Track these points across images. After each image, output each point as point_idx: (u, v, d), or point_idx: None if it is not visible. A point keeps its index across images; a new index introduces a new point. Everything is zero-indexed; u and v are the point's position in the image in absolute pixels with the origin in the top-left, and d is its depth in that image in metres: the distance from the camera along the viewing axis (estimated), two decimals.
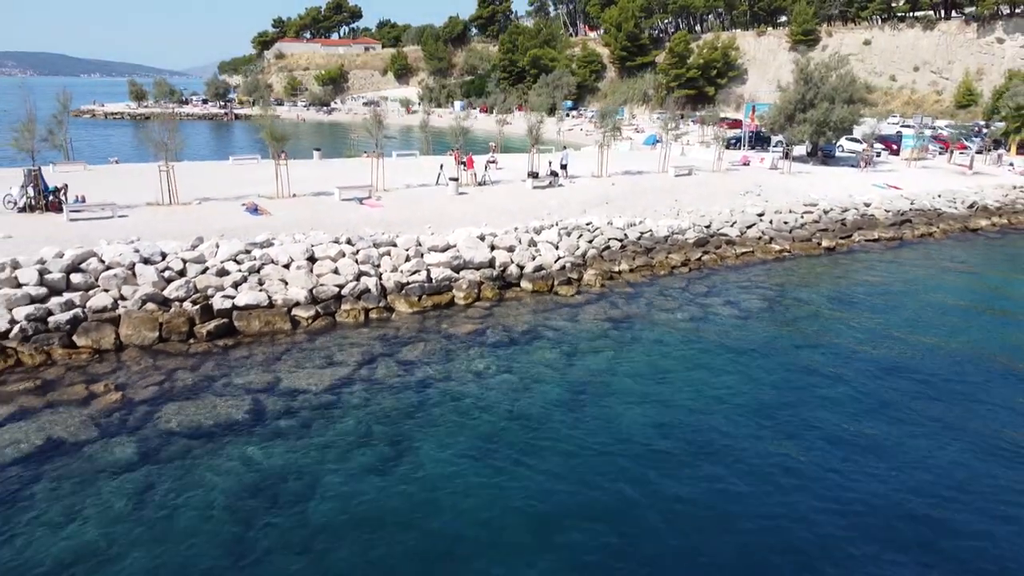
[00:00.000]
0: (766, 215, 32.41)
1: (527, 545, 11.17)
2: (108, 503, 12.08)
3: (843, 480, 13.23)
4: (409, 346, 19.06)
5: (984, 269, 29.57)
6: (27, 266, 19.17)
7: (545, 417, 15.35)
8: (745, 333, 20.92)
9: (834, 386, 17.42)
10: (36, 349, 17.42)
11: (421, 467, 13.33)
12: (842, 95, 43.69)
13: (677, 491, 12.70)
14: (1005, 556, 11.28)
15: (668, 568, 10.73)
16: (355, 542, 11.12)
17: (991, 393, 17.31)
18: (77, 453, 13.57)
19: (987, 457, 14.24)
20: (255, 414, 15.26)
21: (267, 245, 22.74)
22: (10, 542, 11.00)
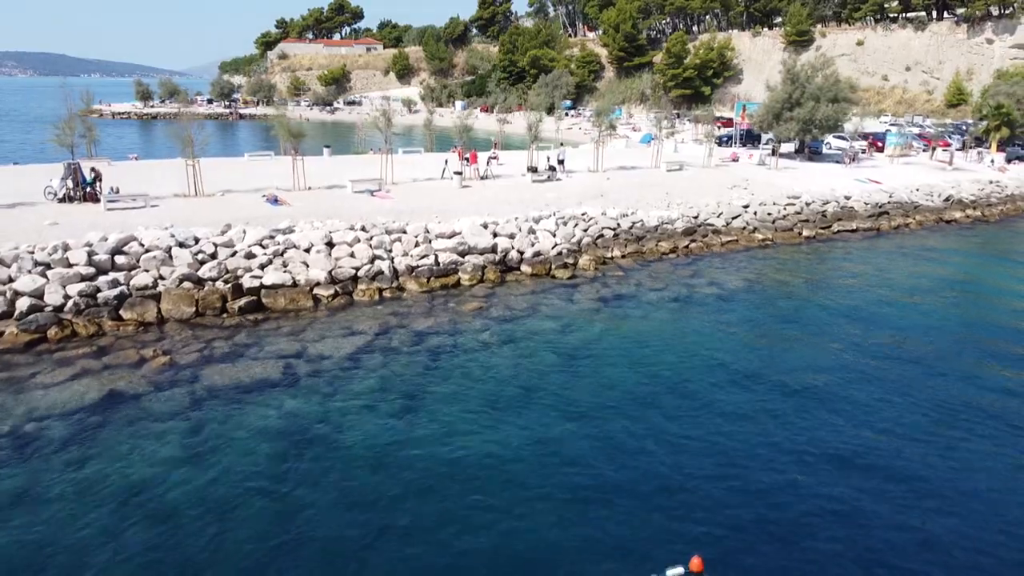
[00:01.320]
0: (751, 207, 34.54)
1: (524, 476, 13.23)
2: (164, 441, 14.15)
3: (794, 423, 15.33)
4: (420, 320, 21.19)
5: (951, 255, 31.72)
6: (76, 248, 21.28)
7: (542, 377, 17.47)
8: (725, 309, 23.05)
9: (803, 353, 19.54)
10: (89, 321, 19.56)
11: (433, 416, 15.41)
12: (827, 94, 45.84)
13: (660, 432, 14.79)
14: (932, 476, 13.35)
15: (645, 490, 12.80)
16: (376, 476, 13.11)
17: (942, 359, 19.40)
18: (135, 403, 15.68)
19: (934, 409, 16.32)
20: (286, 374, 17.37)
21: (289, 231, 24.88)
22: (85, 469, 13.07)
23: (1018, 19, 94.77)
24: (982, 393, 17.29)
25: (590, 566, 10.69)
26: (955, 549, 11.37)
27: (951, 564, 11.03)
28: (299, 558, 10.76)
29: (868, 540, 11.52)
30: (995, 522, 12.13)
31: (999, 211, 41.57)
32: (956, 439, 14.95)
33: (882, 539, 11.57)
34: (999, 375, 18.51)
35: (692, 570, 10.55)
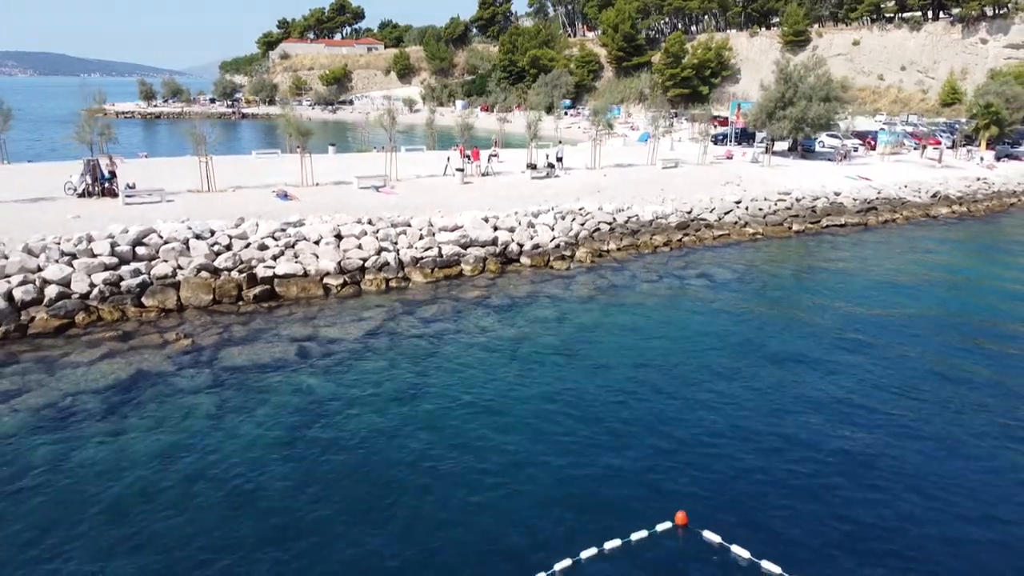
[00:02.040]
0: (743, 202, 35.75)
1: (521, 444, 14.40)
2: (190, 412, 15.35)
3: (776, 396, 16.53)
4: (425, 307, 22.41)
5: (934, 248, 32.94)
6: (99, 240, 22.52)
7: (540, 358, 18.68)
8: (715, 297, 24.27)
9: (786, 334, 20.75)
10: (113, 307, 20.80)
11: (436, 393, 16.59)
12: (819, 93, 47.05)
13: (648, 403, 16.00)
14: (901, 438, 14.55)
15: (634, 454, 14.00)
16: (385, 445, 14.22)
17: (918, 338, 20.58)
18: (161, 379, 16.90)
19: (907, 381, 17.51)
20: (300, 355, 18.58)
21: (299, 224, 26.11)
22: (119, 436, 14.26)
23: (1012, 19, 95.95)
24: (951, 368, 18.48)
25: (584, 522, 11.85)
26: (918, 501, 12.56)
27: (915, 516, 12.22)
28: (317, 514, 11.93)
29: (838, 497, 12.71)
30: (957, 482, 13.32)
31: (985, 207, 42.80)
32: (925, 409, 16.14)
33: (850, 495, 12.75)
34: (967, 351, 19.69)
35: (677, 523, 11.79)
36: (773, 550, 11.07)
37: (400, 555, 10.88)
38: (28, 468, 13.04)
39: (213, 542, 11.07)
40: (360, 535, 11.34)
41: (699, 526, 11.71)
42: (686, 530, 11.67)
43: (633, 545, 11.28)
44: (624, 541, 11.29)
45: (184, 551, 10.83)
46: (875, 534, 11.69)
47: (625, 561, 10.92)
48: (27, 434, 14.29)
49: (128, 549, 10.87)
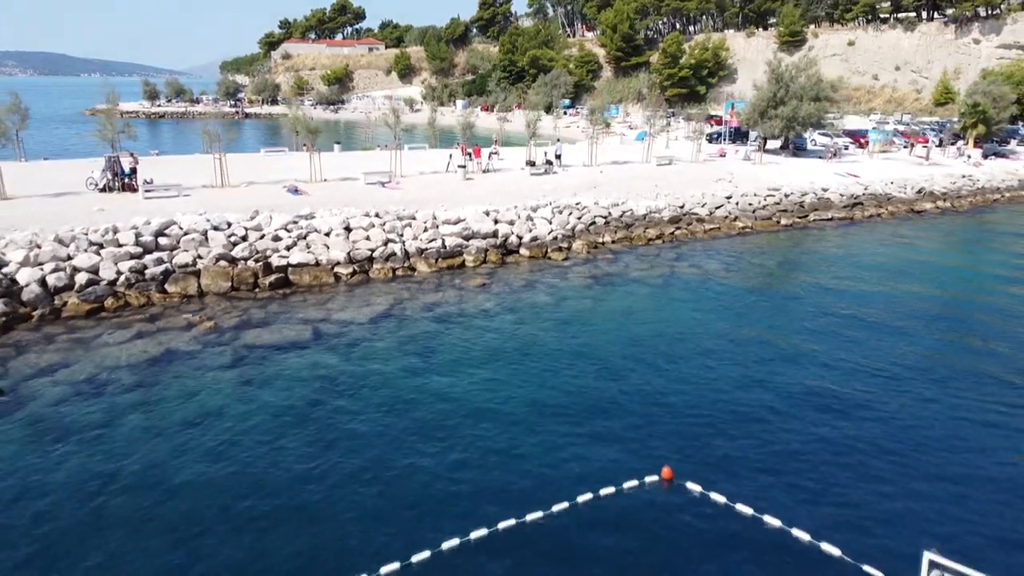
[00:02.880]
0: (733, 198, 37.21)
1: (519, 411, 15.84)
2: (216, 385, 16.77)
3: (757, 367, 17.99)
4: (430, 294, 23.88)
5: (916, 241, 34.39)
6: (124, 231, 23.98)
7: (537, 339, 20.13)
8: (704, 284, 25.74)
9: (769, 319, 22.20)
10: (139, 293, 22.27)
11: (442, 369, 18.02)
12: (809, 93, 48.50)
13: (638, 376, 17.44)
14: (873, 405, 15.99)
15: (624, 417, 15.45)
16: (395, 415, 15.60)
17: (894, 320, 22.03)
18: (188, 356, 18.35)
19: (880, 357, 18.95)
20: (315, 335, 20.03)
21: (310, 217, 27.56)
22: (151, 407, 15.68)
23: (1004, 20, 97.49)
24: (918, 344, 19.94)
25: (581, 473, 13.27)
26: (879, 457, 14.02)
27: (876, 470, 13.67)
28: (333, 475, 13.25)
29: (806, 453, 14.16)
30: (916, 441, 14.76)
31: (968, 202, 44.28)
32: (893, 380, 17.59)
33: (816, 452, 14.21)
34: (935, 329, 21.16)
35: (664, 477, 13.25)
36: (746, 496, 12.51)
37: (415, 505, 12.32)
38: (71, 431, 14.45)
39: (239, 497, 12.46)
40: (374, 490, 12.76)
41: (682, 479, 13.15)
42: (671, 482, 13.12)
43: (625, 493, 12.72)
44: (617, 489, 12.73)
45: (211, 504, 12.22)
46: (837, 481, 13.14)
47: (618, 506, 12.37)
48: (68, 402, 15.73)
49: (162, 501, 12.29)
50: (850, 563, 10.98)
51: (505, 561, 10.84)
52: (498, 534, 11.44)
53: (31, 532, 11.24)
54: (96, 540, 11.07)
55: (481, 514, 11.91)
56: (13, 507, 11.86)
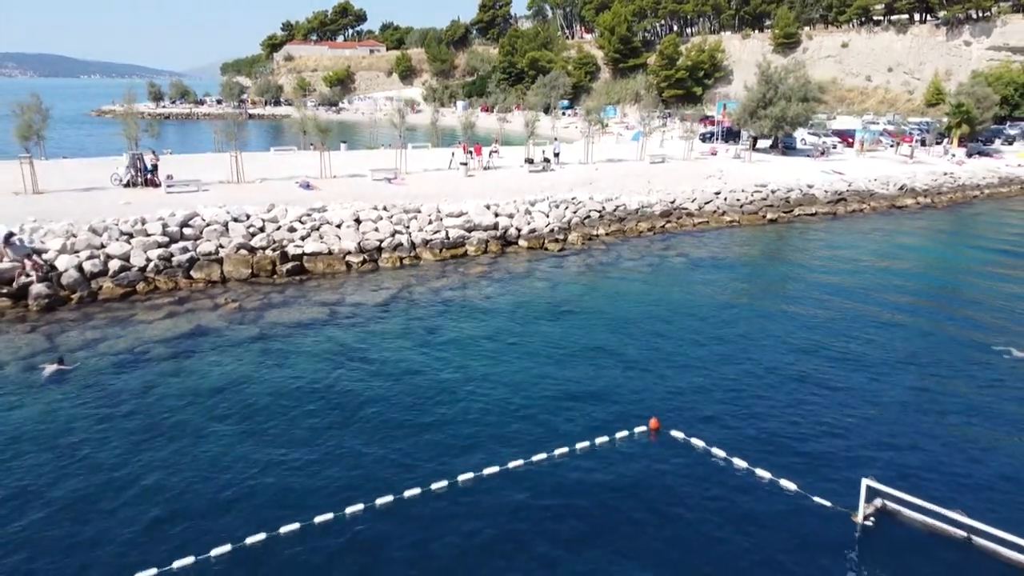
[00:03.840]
0: (722, 193, 39.13)
1: (521, 378, 17.71)
2: (241, 358, 18.57)
3: (737, 342, 19.87)
4: (435, 280, 25.78)
5: (893, 234, 36.35)
6: (152, 222, 25.89)
7: (535, 317, 22.02)
8: (690, 271, 27.65)
9: (752, 300, 24.10)
10: (167, 278, 24.18)
11: (447, 344, 19.85)
12: (798, 94, 50.45)
13: (628, 347, 19.33)
14: (839, 375, 17.87)
15: (613, 379, 17.31)
16: (402, 383, 17.37)
17: (862, 300, 23.93)
18: (216, 333, 20.21)
19: (847, 332, 20.83)
20: (330, 315, 21.92)
21: (323, 210, 29.46)
22: (185, 376, 17.47)
23: (994, 23, 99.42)
24: (885, 322, 21.84)
25: (578, 425, 15.11)
26: (844, 412, 15.91)
27: (839, 424, 15.56)
28: (348, 434, 15.03)
29: (775, 405, 16.04)
30: (878, 397, 16.65)
31: (948, 199, 46.22)
32: (860, 346, 19.49)
33: (784, 405, 16.09)
34: (901, 311, 23.05)
35: (651, 427, 15.12)
36: (720, 442, 14.36)
37: (425, 450, 14.20)
38: (115, 397, 16.21)
39: (266, 451, 14.27)
40: (387, 440, 14.61)
41: (667, 429, 15.03)
42: (658, 432, 15.01)
43: (617, 440, 14.60)
44: (610, 438, 14.61)
45: (243, 459, 13.98)
46: (795, 431, 15.02)
47: (611, 452, 14.23)
48: (112, 372, 17.58)
49: (198, 457, 14.01)
50: (803, 495, 12.83)
51: (514, 493, 12.69)
52: (508, 471, 13.30)
53: (90, 471, 13.12)
54: (140, 477, 12.92)
55: (491, 454, 13.78)
56: (76, 452, 13.73)
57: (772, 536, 11.72)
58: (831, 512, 12.37)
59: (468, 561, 10.88)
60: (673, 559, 11.06)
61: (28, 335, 19.79)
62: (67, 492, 12.36)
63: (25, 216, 25.85)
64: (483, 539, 11.41)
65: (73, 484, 12.61)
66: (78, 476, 12.87)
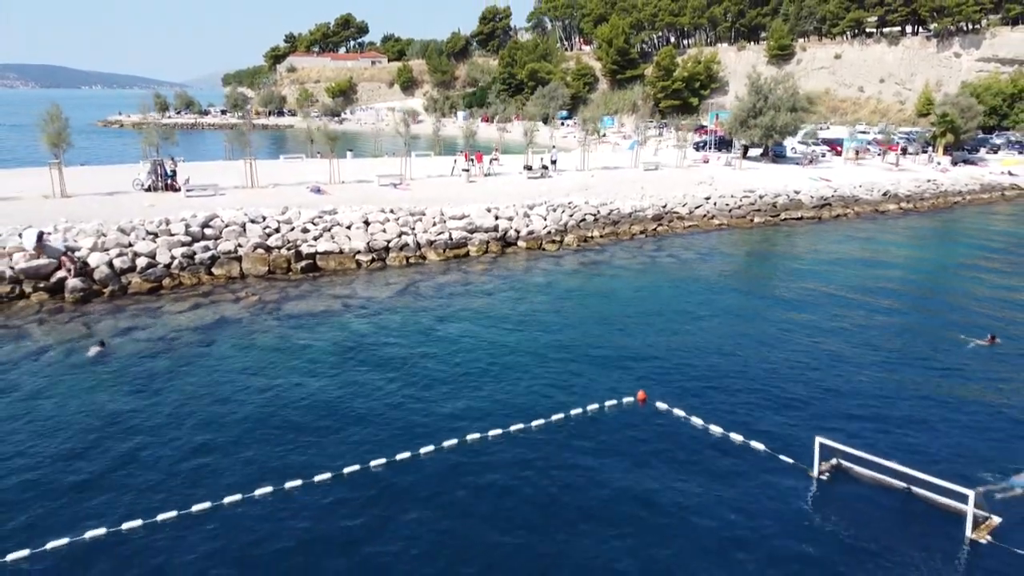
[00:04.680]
0: (712, 198, 41.01)
1: (521, 358, 19.46)
2: (262, 343, 20.32)
3: (718, 326, 21.66)
4: (439, 277, 27.60)
5: (874, 236, 38.23)
6: (175, 222, 27.73)
7: (533, 308, 23.80)
8: (679, 269, 29.46)
9: (736, 293, 25.92)
10: (191, 274, 25.99)
11: (450, 330, 21.63)
12: (786, 104, 52.45)
13: (618, 331, 21.12)
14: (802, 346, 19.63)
15: (606, 356, 19.07)
16: (411, 363, 19.11)
17: (838, 291, 25.73)
18: (238, 322, 21.98)
19: (822, 320, 22.63)
20: (343, 306, 23.71)
21: (333, 213, 31.32)
22: (211, 358, 19.21)
23: (983, 35, 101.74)
24: (855, 310, 23.64)
25: (573, 395, 16.86)
26: (807, 381, 17.69)
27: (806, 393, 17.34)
28: (363, 403, 16.77)
29: (746, 378, 17.81)
30: (841, 366, 18.43)
31: (929, 204, 48.13)
32: (827, 335, 21.29)
33: (753, 380, 17.86)
34: (873, 301, 24.85)
35: (639, 399, 16.88)
36: (699, 411, 16.11)
37: (436, 416, 15.96)
38: (150, 373, 17.98)
39: (289, 421, 16.02)
40: (400, 408, 16.37)
41: (653, 400, 16.79)
42: (644, 402, 16.78)
43: (607, 409, 16.36)
44: (600, 406, 16.39)
45: (265, 421, 15.77)
46: (762, 399, 16.79)
47: (601, 418, 15.98)
48: (146, 354, 19.33)
49: (226, 420, 15.79)
50: (770, 454, 14.58)
51: (516, 450, 14.44)
52: (509, 434, 15.07)
53: (130, 432, 14.89)
54: (174, 437, 14.69)
55: (496, 420, 15.56)
56: (119, 416, 15.50)
57: (742, 490, 13.41)
58: (793, 468, 14.13)
59: (480, 506, 12.59)
60: (657, 509, 12.74)
61: (67, 324, 21.60)
62: (113, 447, 14.16)
63: (57, 217, 27.74)
64: (492, 488, 13.15)
65: (117, 442, 14.40)
66: (121, 436, 14.65)
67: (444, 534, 11.78)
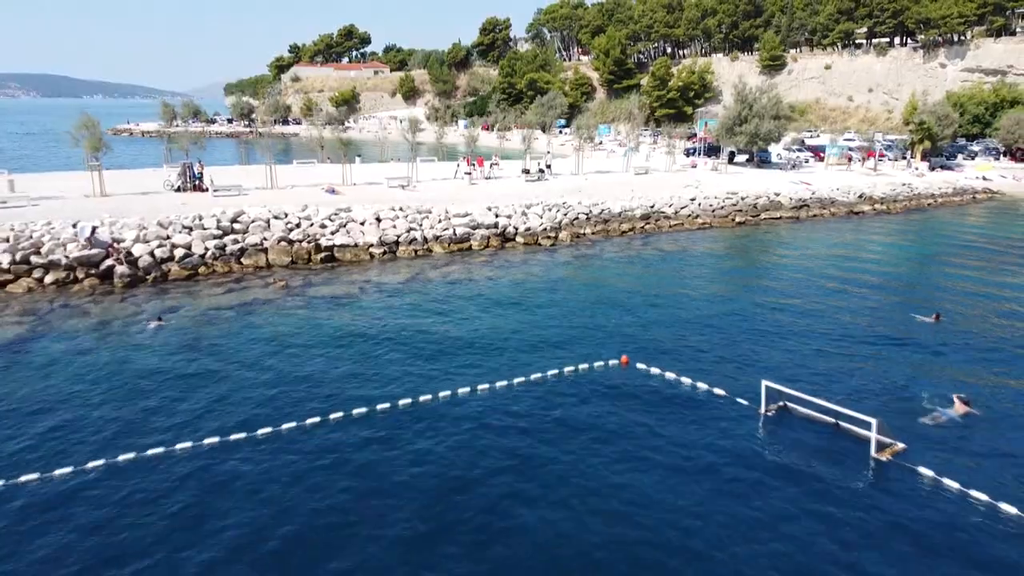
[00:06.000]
0: (696, 200, 44.10)
1: (519, 330, 22.45)
2: (289, 318, 23.22)
3: (699, 305, 24.65)
4: (444, 267, 30.63)
5: (847, 234, 41.26)
6: (207, 218, 30.81)
7: (529, 292, 26.82)
8: (663, 261, 32.49)
9: (714, 279, 28.94)
10: (223, 263, 29.05)
11: (457, 310, 24.60)
12: (770, 112, 55.65)
13: (606, 309, 24.12)
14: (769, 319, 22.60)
15: (592, 327, 22.04)
16: (422, 335, 22.10)
17: (800, 281, 28.74)
18: (269, 303, 24.99)
19: (785, 296, 25.62)
20: (360, 290, 26.73)
21: (348, 210, 34.40)
22: (245, 329, 22.14)
23: (968, 46, 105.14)
24: (819, 295, 26.66)
25: (563, 357, 19.82)
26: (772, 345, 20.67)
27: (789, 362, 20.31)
28: (375, 363, 19.73)
29: (713, 345, 20.79)
30: (813, 338, 21.41)
31: (902, 206, 51.22)
32: (790, 311, 24.30)
33: (720, 344, 20.83)
34: (836, 287, 27.87)
35: (622, 362, 19.85)
36: (672, 368, 19.07)
37: (442, 372, 18.96)
38: (200, 341, 20.96)
39: (311, 374, 19.08)
40: (407, 365, 19.37)
41: (634, 362, 19.75)
42: (627, 365, 19.75)
43: (595, 369, 19.32)
44: (589, 367, 19.37)
45: (292, 374, 18.77)
46: (723, 357, 19.78)
47: (589, 377, 18.91)
48: (193, 327, 22.31)
49: (261, 384, 18.81)
50: (730, 399, 17.54)
51: (517, 398, 17.40)
52: (511, 385, 18.03)
53: (188, 383, 17.90)
54: (221, 385, 17.71)
55: (500, 375, 18.56)
56: (179, 374, 18.51)
57: (706, 426, 16.25)
58: (747, 408, 17.11)
59: (480, 441, 15.49)
60: (639, 442, 15.57)
61: (121, 303, 24.64)
62: (174, 395, 17.19)
63: (101, 214, 30.80)
64: (499, 425, 16.10)
65: (177, 392, 17.43)
66: (179, 388, 17.68)
67: (455, 452, 14.80)
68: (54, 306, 24.01)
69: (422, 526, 12.21)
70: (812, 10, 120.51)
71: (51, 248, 26.88)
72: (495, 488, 13.46)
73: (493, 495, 13.20)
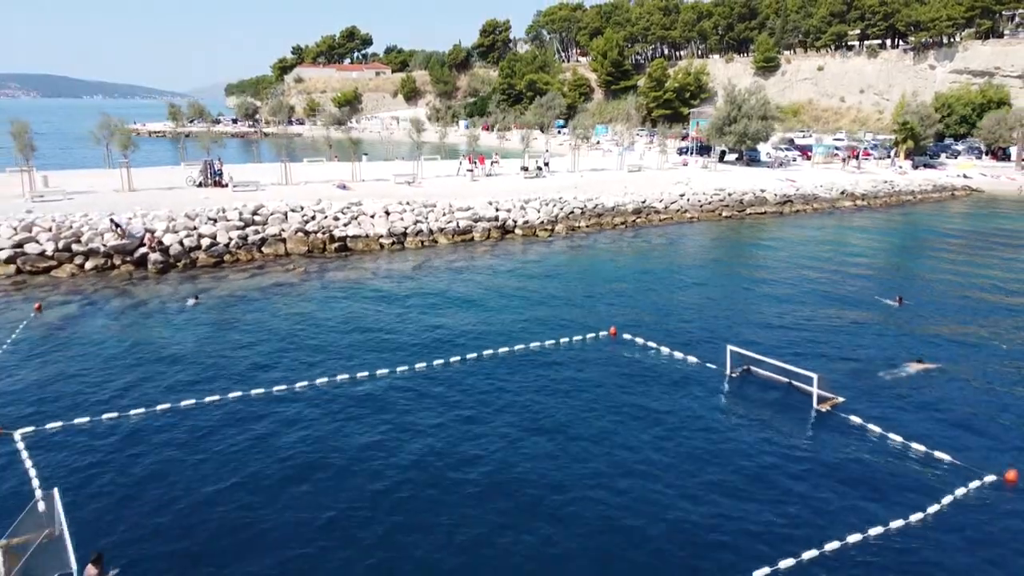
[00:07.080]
0: (686, 195, 46.70)
1: (517, 307, 25.07)
2: (308, 301, 25.80)
3: (688, 288, 27.24)
4: (449, 256, 33.23)
5: (827, 227, 43.88)
6: (230, 210, 33.42)
7: (527, 278, 29.40)
8: (652, 250, 35.10)
9: (698, 266, 31.54)
10: (246, 252, 31.65)
11: (460, 292, 27.18)
12: (758, 113, 58.24)
13: (597, 289, 26.71)
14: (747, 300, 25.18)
15: (586, 304, 24.61)
16: (430, 312, 24.75)
17: (778, 264, 31.33)
18: (289, 286, 27.56)
19: (771, 280, 28.23)
20: (371, 275, 29.34)
21: (359, 204, 37.00)
22: (266, 311, 24.88)
23: (956, 48, 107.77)
24: (793, 279, 29.24)
25: (554, 328, 22.38)
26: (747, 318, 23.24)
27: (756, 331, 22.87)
28: (388, 335, 22.33)
29: (692, 315, 23.36)
30: (794, 319, 24.00)
31: (882, 202, 53.82)
32: (764, 288, 26.90)
33: (698, 315, 23.41)
34: (810, 273, 30.45)
35: (611, 334, 22.41)
36: (656, 338, 21.66)
37: (449, 340, 21.54)
38: (233, 317, 23.55)
39: (329, 347, 21.70)
40: (415, 335, 21.98)
41: (622, 334, 22.33)
42: (615, 336, 22.33)
43: (586, 340, 21.93)
44: (582, 338, 21.97)
45: (315, 346, 21.44)
46: (698, 327, 22.37)
47: (580, 346, 21.49)
48: (225, 305, 24.90)
49: (286, 346, 21.46)
50: (701, 364, 20.13)
51: (516, 364, 19.98)
52: (513, 351, 20.68)
53: (228, 348, 20.51)
54: (254, 351, 20.33)
55: (502, 343, 21.17)
56: (216, 350, 21.13)
57: (680, 388, 18.83)
58: (715, 372, 19.73)
59: (491, 399, 18.08)
60: (622, 401, 18.15)
61: (157, 286, 27.25)
62: (219, 356, 19.83)
63: (132, 207, 33.40)
64: (499, 387, 18.69)
65: (221, 354, 20.06)
66: (221, 351, 20.32)
67: (473, 398, 17.44)
68: (98, 288, 26.63)
69: (439, 444, 14.88)
70: (806, 13, 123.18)
71: (90, 237, 29.49)
72: (501, 429, 16.15)
73: (497, 435, 15.87)
